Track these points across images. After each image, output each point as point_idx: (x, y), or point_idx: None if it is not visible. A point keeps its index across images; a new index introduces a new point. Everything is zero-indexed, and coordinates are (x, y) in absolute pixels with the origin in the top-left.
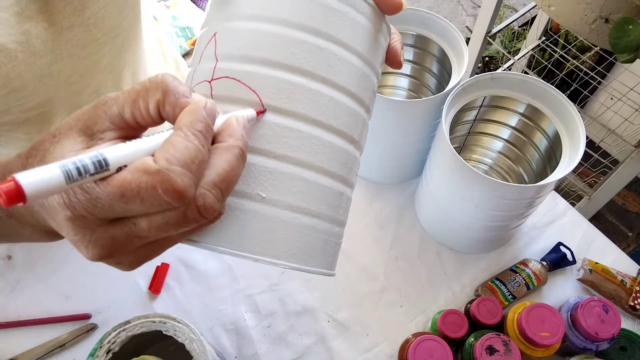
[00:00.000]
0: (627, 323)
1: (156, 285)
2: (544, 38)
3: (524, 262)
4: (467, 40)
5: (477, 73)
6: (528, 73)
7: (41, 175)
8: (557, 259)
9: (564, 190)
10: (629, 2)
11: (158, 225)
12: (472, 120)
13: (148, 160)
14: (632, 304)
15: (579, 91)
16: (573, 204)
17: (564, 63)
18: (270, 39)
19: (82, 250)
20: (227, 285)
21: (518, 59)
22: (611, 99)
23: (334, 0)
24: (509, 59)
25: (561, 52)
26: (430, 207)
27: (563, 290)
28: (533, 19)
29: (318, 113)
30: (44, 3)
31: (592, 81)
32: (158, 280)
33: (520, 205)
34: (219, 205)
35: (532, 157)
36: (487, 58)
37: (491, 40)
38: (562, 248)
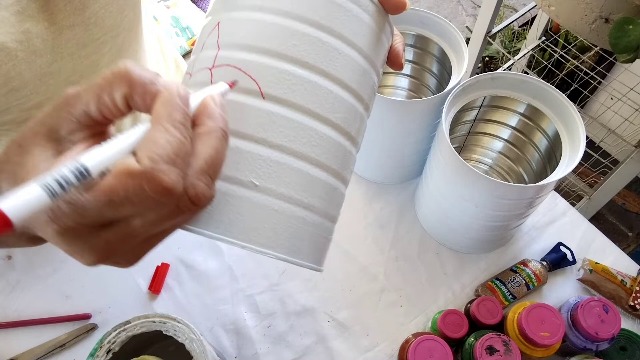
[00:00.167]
0: (627, 323)
1: (156, 285)
2: (544, 38)
3: (524, 262)
4: (467, 40)
5: (477, 73)
6: (528, 73)
7: (23, 197)
8: (557, 259)
9: (564, 190)
10: (629, 2)
11: (152, 221)
12: (472, 120)
13: (131, 161)
14: (632, 304)
15: (579, 91)
16: (573, 204)
17: (564, 63)
18: (272, 30)
19: (78, 259)
20: (227, 285)
21: (518, 59)
22: (611, 99)
23: None
24: (509, 59)
25: (561, 52)
26: (430, 207)
27: (563, 290)
28: (533, 19)
29: (316, 105)
30: (45, 2)
31: (592, 81)
32: (158, 280)
33: (520, 205)
34: (210, 191)
35: (532, 157)
36: (487, 58)
37: (491, 40)
38: (562, 248)
